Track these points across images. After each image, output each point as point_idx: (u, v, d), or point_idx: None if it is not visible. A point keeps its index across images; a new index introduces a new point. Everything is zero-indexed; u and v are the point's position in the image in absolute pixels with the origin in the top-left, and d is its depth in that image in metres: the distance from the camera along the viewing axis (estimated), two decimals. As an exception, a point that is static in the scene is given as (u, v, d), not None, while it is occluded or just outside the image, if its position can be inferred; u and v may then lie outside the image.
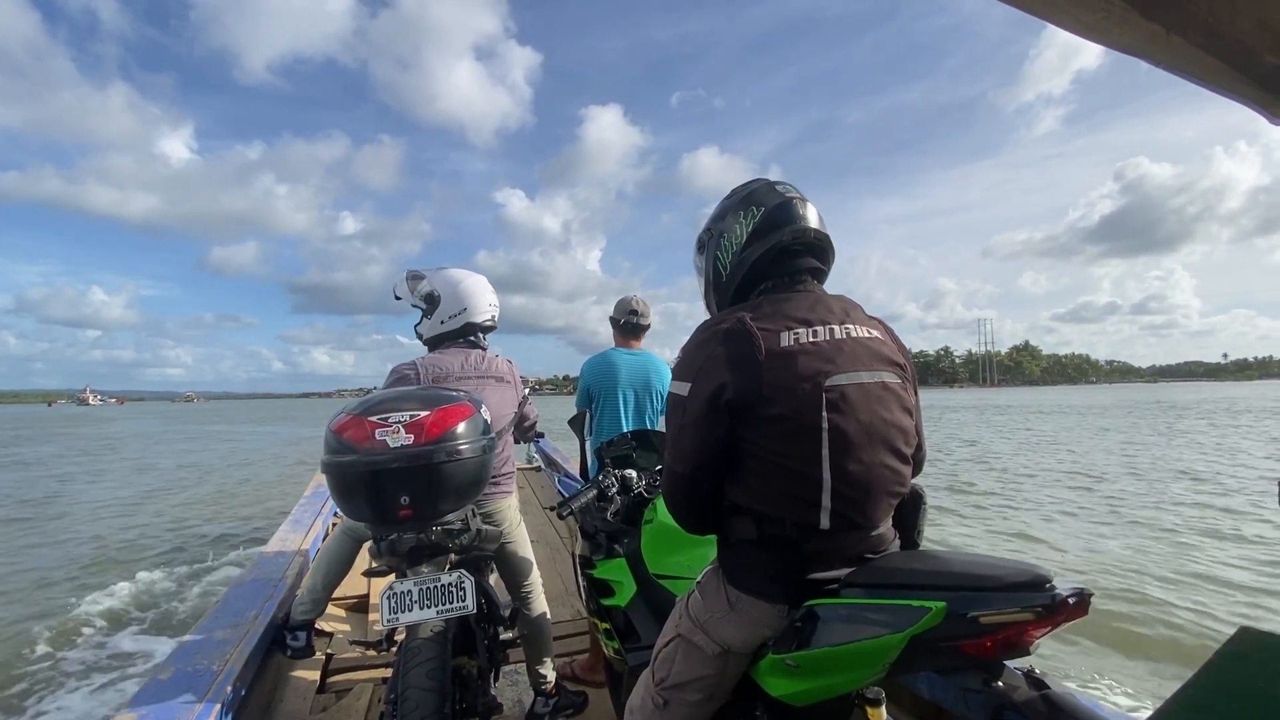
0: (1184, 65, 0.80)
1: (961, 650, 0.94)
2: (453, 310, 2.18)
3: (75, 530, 9.18)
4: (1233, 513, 8.90)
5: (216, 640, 1.94)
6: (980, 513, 9.52)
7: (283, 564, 2.77)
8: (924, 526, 1.28)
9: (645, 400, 2.85)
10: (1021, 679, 0.99)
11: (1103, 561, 6.73)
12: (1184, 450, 16.77)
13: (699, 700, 1.19)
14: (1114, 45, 0.78)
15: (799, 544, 1.10)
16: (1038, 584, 0.89)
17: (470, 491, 1.72)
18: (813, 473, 1.06)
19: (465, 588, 1.63)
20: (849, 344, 1.13)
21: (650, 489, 1.83)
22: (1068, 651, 4.48)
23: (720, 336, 1.12)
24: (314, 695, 2.42)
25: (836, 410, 1.06)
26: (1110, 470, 13.36)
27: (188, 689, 1.62)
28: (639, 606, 1.63)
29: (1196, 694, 0.68)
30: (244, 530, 8.76)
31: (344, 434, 1.57)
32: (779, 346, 1.09)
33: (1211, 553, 6.94)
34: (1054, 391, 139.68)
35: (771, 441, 1.08)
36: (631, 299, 2.91)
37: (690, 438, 1.13)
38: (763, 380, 1.07)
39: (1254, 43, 0.76)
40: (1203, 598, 5.58)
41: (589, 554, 1.88)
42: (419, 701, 1.48)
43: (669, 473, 1.20)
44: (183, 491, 12.96)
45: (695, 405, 1.12)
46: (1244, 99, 0.86)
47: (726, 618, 1.16)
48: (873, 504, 1.11)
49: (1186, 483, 11.56)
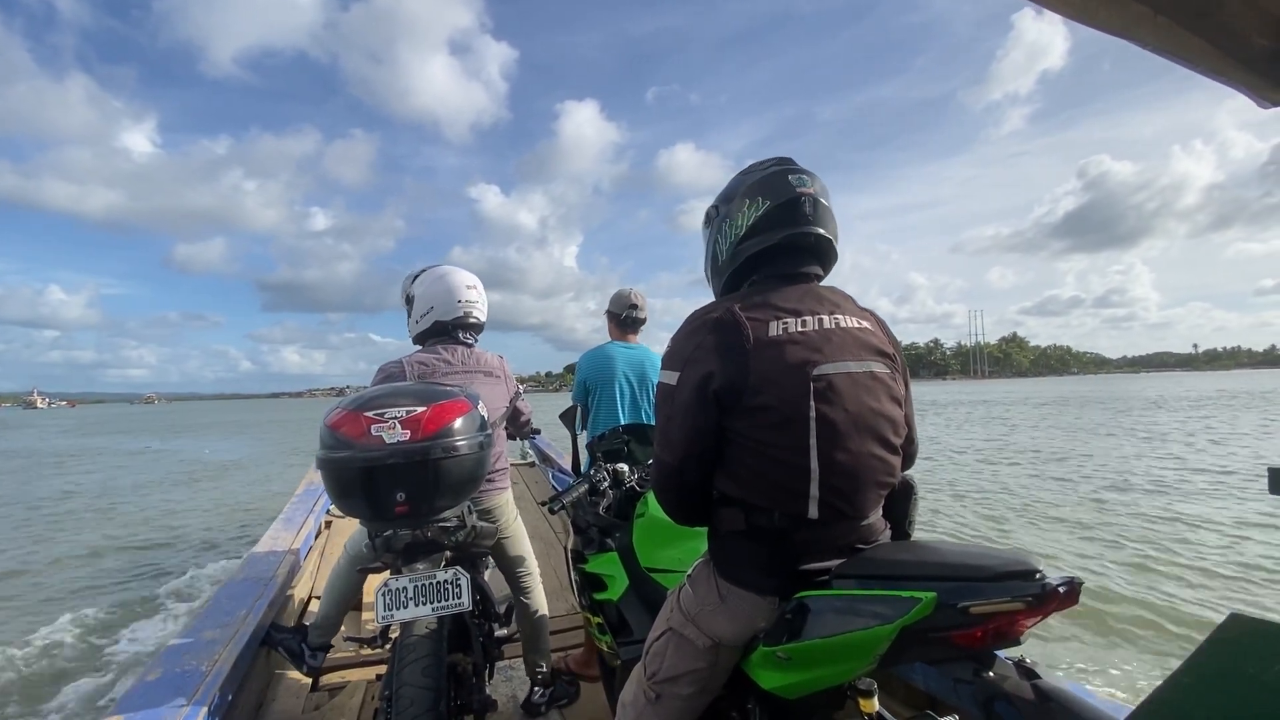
0: (1172, 47, 0.79)
1: (952, 641, 0.94)
2: (422, 310, 2.18)
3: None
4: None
5: (205, 640, 1.92)
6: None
7: (274, 563, 2.75)
8: (915, 517, 1.28)
9: (641, 394, 2.84)
10: (1012, 669, 0.99)
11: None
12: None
13: (691, 693, 1.19)
14: (1102, 27, 0.77)
15: (788, 534, 1.10)
16: (1027, 573, 0.89)
17: (467, 488, 1.70)
18: (801, 462, 1.06)
19: (461, 585, 1.62)
20: (837, 334, 1.12)
21: (642, 483, 1.82)
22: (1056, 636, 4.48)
23: (709, 326, 1.12)
24: (306, 694, 2.41)
25: (824, 400, 1.06)
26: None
27: (176, 690, 1.60)
28: (631, 600, 1.63)
29: (1187, 680, 0.68)
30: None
31: (340, 429, 1.55)
32: (767, 336, 1.08)
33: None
34: (1048, 383, 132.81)
35: (760, 431, 1.07)
36: (630, 293, 2.89)
37: (679, 427, 1.13)
38: (750, 369, 1.06)
39: (1242, 25, 0.75)
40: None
41: (581, 548, 1.87)
42: (414, 699, 1.47)
43: (658, 464, 1.19)
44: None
45: (683, 394, 1.11)
46: (1232, 82, 0.85)
47: (717, 611, 1.15)
48: (861, 494, 1.10)
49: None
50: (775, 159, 1.25)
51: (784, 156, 1.26)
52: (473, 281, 2.21)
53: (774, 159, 1.25)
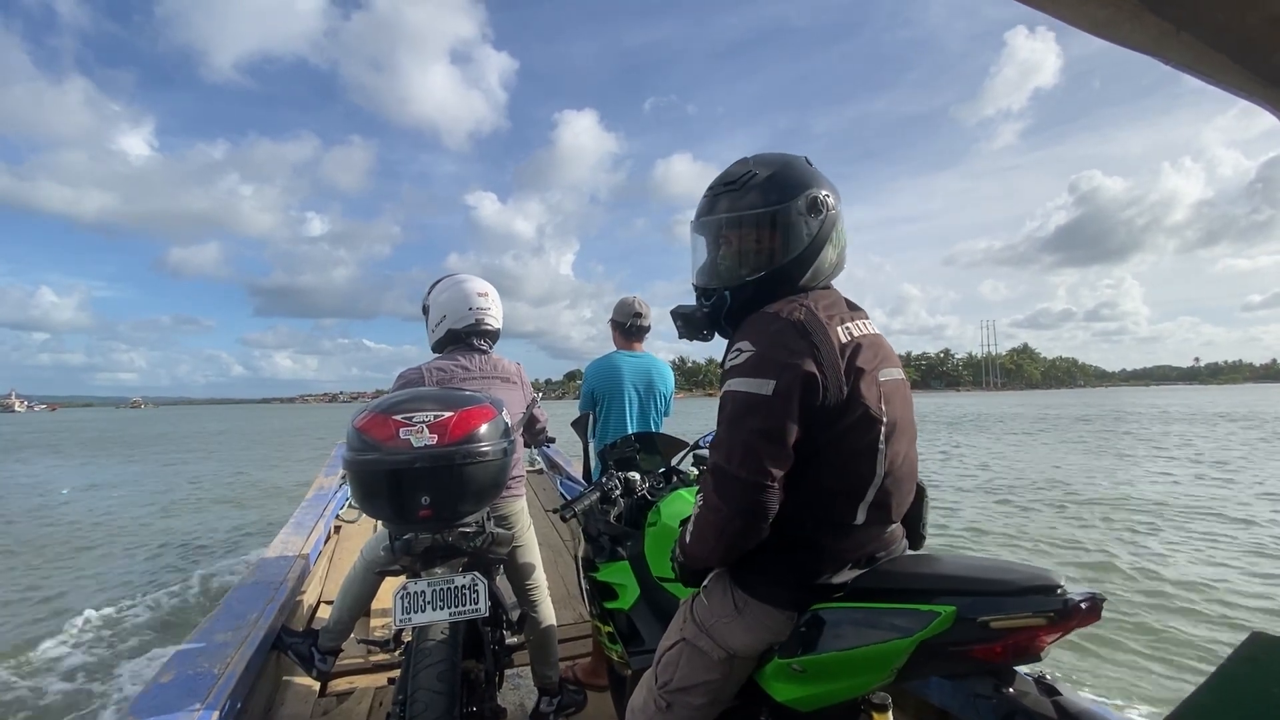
0: (1194, 63, 0.79)
1: (971, 655, 0.93)
2: (436, 319, 2.22)
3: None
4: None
5: (217, 643, 1.93)
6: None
7: (284, 567, 2.76)
8: (928, 519, 1.29)
9: (649, 402, 2.84)
10: (1032, 685, 0.98)
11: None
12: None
13: (702, 704, 1.18)
14: (1124, 42, 0.77)
15: (819, 543, 1.09)
16: (1049, 588, 0.88)
17: (489, 494, 1.71)
18: (867, 467, 1.07)
19: (479, 591, 1.62)
20: (878, 341, 1.14)
21: (653, 491, 1.82)
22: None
23: (798, 328, 1.04)
24: (315, 698, 2.41)
25: (890, 404, 1.09)
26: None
27: (188, 693, 1.61)
28: (642, 609, 1.62)
29: (1208, 699, 0.67)
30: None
31: (368, 432, 1.56)
32: (843, 339, 1.08)
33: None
34: (1061, 396, 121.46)
35: (837, 439, 1.06)
36: (634, 301, 2.89)
37: (779, 442, 1.02)
38: (845, 376, 1.05)
39: (1264, 40, 0.75)
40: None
41: (592, 556, 1.87)
42: (428, 704, 1.47)
43: (745, 486, 1.02)
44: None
45: (783, 404, 1.01)
46: (1254, 97, 0.84)
47: (733, 622, 1.15)
48: (902, 496, 1.13)
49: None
50: (823, 187, 1.16)
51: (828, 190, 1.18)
52: (485, 289, 2.23)
53: (821, 185, 1.16)
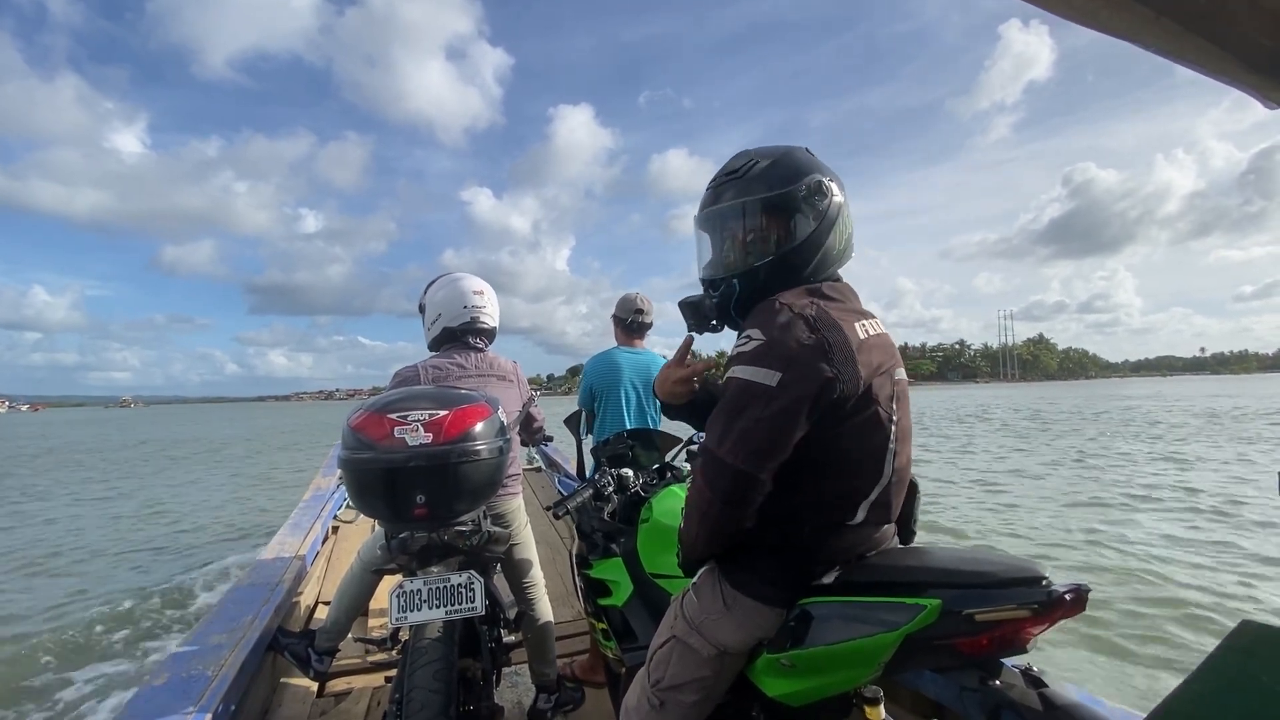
0: (1176, 49, 0.78)
1: (957, 648, 0.93)
2: (432, 318, 2.22)
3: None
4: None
5: (212, 645, 1.92)
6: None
7: (280, 569, 2.76)
8: (919, 515, 1.28)
9: (647, 400, 2.84)
10: (1019, 677, 0.98)
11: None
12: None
13: (695, 701, 1.18)
14: (1104, 29, 0.76)
15: (813, 543, 1.09)
16: (1033, 580, 0.88)
17: (485, 492, 1.71)
18: (877, 468, 1.06)
19: (475, 589, 1.62)
20: (887, 340, 1.13)
21: (647, 488, 1.82)
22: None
23: (810, 323, 1.02)
24: (312, 699, 2.41)
25: (899, 403, 1.08)
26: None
27: (181, 695, 1.60)
28: (636, 606, 1.62)
29: (1198, 688, 0.67)
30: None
31: (363, 431, 1.56)
32: (860, 337, 1.05)
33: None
34: (1084, 387, 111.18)
35: (847, 435, 1.04)
36: (636, 297, 2.89)
37: (774, 433, 0.99)
38: (858, 371, 1.02)
39: (1248, 26, 0.74)
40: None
41: (586, 554, 1.87)
42: (425, 702, 1.47)
43: (732, 473, 1.01)
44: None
45: (787, 397, 0.98)
46: (1237, 83, 0.84)
47: (723, 619, 1.14)
48: (902, 496, 1.14)
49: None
50: (829, 176, 1.14)
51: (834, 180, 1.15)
52: (480, 287, 2.22)
53: (826, 175, 1.13)
